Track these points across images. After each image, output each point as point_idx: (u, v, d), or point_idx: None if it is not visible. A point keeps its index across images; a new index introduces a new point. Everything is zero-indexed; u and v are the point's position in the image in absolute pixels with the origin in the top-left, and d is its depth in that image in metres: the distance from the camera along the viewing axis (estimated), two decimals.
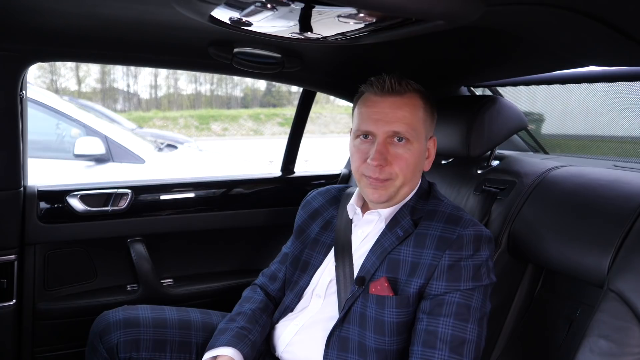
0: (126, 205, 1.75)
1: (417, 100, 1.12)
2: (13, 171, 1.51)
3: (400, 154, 1.10)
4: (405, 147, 1.10)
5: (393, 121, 1.09)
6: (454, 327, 0.98)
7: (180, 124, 17.86)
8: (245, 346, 1.15)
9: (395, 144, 1.10)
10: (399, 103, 1.10)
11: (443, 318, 0.99)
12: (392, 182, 1.10)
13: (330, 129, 18.41)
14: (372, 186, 1.11)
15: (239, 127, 18.45)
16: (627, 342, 0.89)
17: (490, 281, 1.05)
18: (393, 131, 1.09)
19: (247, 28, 0.96)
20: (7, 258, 1.55)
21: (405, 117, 1.09)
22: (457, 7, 0.75)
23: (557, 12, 0.78)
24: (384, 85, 1.10)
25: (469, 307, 1.00)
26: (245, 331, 1.18)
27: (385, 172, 1.09)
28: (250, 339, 1.17)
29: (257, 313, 1.25)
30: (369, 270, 1.10)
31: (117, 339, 1.19)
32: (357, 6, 0.76)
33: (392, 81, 1.10)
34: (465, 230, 1.05)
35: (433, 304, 1.02)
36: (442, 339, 0.98)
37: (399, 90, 1.10)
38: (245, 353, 1.14)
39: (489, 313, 1.06)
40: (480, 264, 1.03)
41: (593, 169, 1.28)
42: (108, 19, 1.19)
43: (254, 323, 1.22)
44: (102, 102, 19.44)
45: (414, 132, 1.10)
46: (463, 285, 1.01)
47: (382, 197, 1.12)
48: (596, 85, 1.70)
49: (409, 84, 1.12)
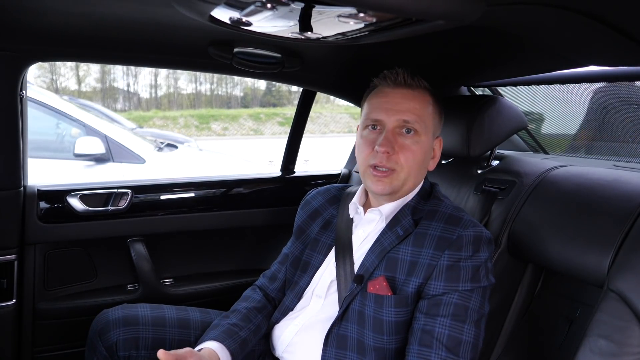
0: (126, 205, 1.75)
1: (428, 96, 1.15)
2: (13, 171, 1.51)
3: (407, 144, 1.11)
4: (413, 138, 1.11)
5: (403, 110, 1.11)
6: (450, 327, 0.98)
7: (180, 123, 17.88)
8: (233, 342, 1.15)
9: (404, 135, 1.11)
10: (410, 95, 1.13)
11: (440, 318, 0.99)
12: (396, 174, 1.11)
13: (330, 129, 18.43)
14: (377, 177, 1.11)
15: (239, 126, 18.47)
16: (627, 342, 0.89)
17: (489, 283, 1.05)
18: (403, 120, 1.10)
19: (247, 28, 0.96)
20: (7, 258, 1.55)
21: (416, 109, 1.11)
22: (458, 7, 0.75)
23: (557, 12, 0.78)
24: (397, 78, 1.14)
25: (467, 308, 1.00)
26: (236, 328, 1.19)
27: (392, 160, 1.10)
28: (241, 336, 1.18)
29: (252, 312, 1.26)
30: (367, 269, 1.10)
31: (116, 337, 1.19)
32: (357, 6, 0.76)
33: (405, 75, 1.14)
34: (465, 231, 1.05)
35: (430, 304, 1.02)
36: (439, 338, 0.98)
37: (411, 84, 1.14)
38: (232, 349, 1.14)
39: (489, 313, 1.06)
40: (479, 265, 1.03)
41: (593, 169, 1.28)
42: (108, 19, 1.19)
43: (247, 321, 1.23)
44: (102, 102, 19.47)
45: (423, 125, 1.12)
46: (461, 286, 1.01)
47: (386, 189, 1.12)
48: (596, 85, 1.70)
49: (421, 81, 1.15)
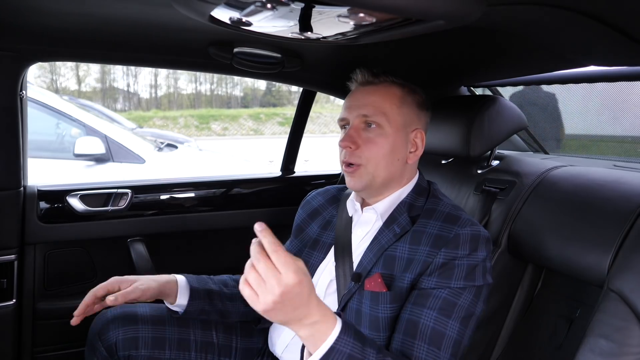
0: (126, 205, 1.75)
1: (393, 89, 1.15)
2: (13, 171, 1.51)
3: (371, 137, 1.12)
4: (375, 131, 1.12)
5: (362, 105, 1.13)
6: (436, 321, 0.98)
7: (180, 123, 17.88)
8: (197, 282, 1.25)
9: (367, 130, 1.12)
10: (372, 90, 1.15)
11: (427, 310, 0.99)
12: (363, 168, 1.12)
13: (330, 129, 18.41)
14: (348, 173, 1.14)
15: (239, 126, 18.47)
16: (628, 342, 0.89)
17: (486, 282, 1.03)
18: (362, 114, 1.12)
19: (247, 28, 0.96)
20: (7, 258, 1.55)
21: (375, 102, 1.12)
22: (458, 7, 0.75)
23: (557, 12, 0.78)
24: (362, 77, 1.17)
25: (455, 304, 0.99)
26: (209, 279, 1.29)
27: (355, 155, 1.11)
28: (209, 286, 1.27)
29: (232, 281, 1.34)
30: (365, 267, 1.10)
31: (115, 337, 1.19)
32: (357, 6, 0.76)
33: (367, 73, 1.16)
34: (462, 229, 1.04)
35: (420, 295, 1.02)
36: (423, 330, 0.98)
37: (372, 81, 1.16)
38: (194, 285, 1.23)
39: (489, 313, 1.05)
40: (475, 264, 1.02)
41: (593, 169, 1.28)
42: (108, 19, 1.19)
43: (223, 284, 1.31)
44: (102, 102, 19.47)
45: (384, 117, 1.11)
46: (454, 284, 1.00)
47: (357, 184, 1.13)
48: (596, 85, 1.71)
49: (386, 76, 1.16)
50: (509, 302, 1.31)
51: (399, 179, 1.17)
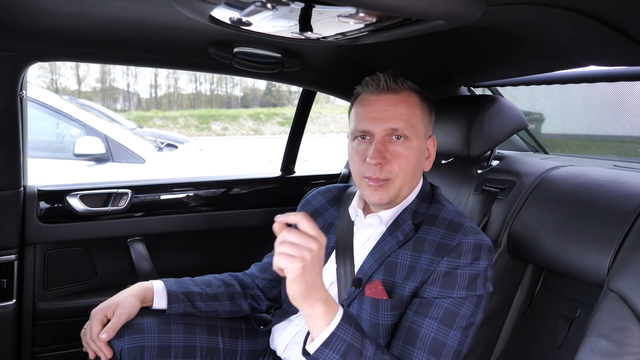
0: (126, 205, 1.75)
1: (414, 98, 1.11)
2: (13, 171, 1.51)
3: (399, 151, 1.08)
4: (404, 144, 1.08)
5: (390, 118, 1.08)
6: (437, 330, 0.97)
7: (180, 123, 17.87)
8: (176, 286, 1.25)
9: (394, 142, 1.08)
10: (395, 100, 1.09)
11: (428, 320, 0.98)
12: (392, 183, 1.09)
13: (330, 129, 18.41)
14: (373, 187, 1.09)
15: (239, 126, 18.45)
16: (627, 342, 0.89)
17: (486, 291, 1.03)
18: (391, 128, 1.08)
19: (247, 28, 0.96)
20: (7, 258, 1.55)
21: (403, 114, 1.08)
22: (458, 7, 0.75)
23: (557, 12, 0.78)
24: (379, 84, 1.10)
25: (457, 314, 0.99)
26: (190, 282, 1.29)
27: (385, 170, 1.08)
28: (189, 287, 1.26)
29: (216, 281, 1.32)
30: (366, 273, 1.10)
31: (121, 346, 1.15)
32: (357, 6, 0.76)
33: (387, 79, 1.10)
34: (465, 238, 1.03)
35: (422, 303, 1.01)
36: (423, 340, 0.97)
37: (394, 88, 1.10)
38: (171, 289, 1.23)
39: (489, 313, 1.05)
40: (477, 274, 1.01)
41: (593, 169, 1.28)
42: (108, 19, 1.19)
43: (207, 285, 1.30)
44: (102, 102, 19.46)
45: (412, 129, 1.09)
46: (456, 293, 1.00)
47: (383, 199, 1.10)
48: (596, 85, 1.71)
49: (405, 82, 1.11)
50: (509, 302, 1.31)
51: (414, 187, 1.16)
